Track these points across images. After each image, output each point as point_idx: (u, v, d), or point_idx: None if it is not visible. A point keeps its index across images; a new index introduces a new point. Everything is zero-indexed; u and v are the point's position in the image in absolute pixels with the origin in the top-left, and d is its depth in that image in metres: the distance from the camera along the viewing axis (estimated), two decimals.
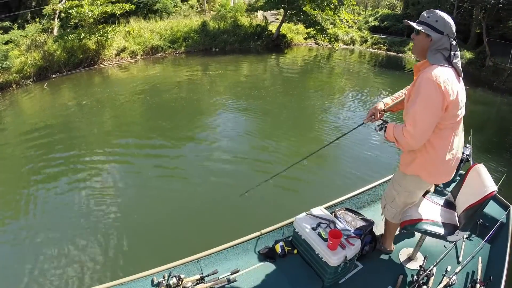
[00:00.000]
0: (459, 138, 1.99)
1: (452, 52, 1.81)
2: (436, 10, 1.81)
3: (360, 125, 2.42)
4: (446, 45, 1.79)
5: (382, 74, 14.07)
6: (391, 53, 19.24)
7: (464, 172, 2.36)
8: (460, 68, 1.85)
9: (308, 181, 5.13)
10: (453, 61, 1.82)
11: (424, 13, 1.84)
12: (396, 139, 1.92)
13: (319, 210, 2.66)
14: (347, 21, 19.14)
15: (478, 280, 2.30)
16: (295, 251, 2.59)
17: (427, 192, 2.44)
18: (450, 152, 1.94)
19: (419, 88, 1.77)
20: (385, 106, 2.24)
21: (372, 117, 2.22)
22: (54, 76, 10.83)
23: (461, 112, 1.87)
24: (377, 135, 6.55)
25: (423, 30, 1.79)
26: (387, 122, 2.11)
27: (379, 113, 2.19)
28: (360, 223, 2.58)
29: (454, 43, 1.81)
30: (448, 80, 1.74)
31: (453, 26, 1.80)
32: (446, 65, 1.79)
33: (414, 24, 1.83)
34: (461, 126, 1.98)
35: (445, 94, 1.72)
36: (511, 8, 14.68)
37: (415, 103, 1.77)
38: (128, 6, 12.45)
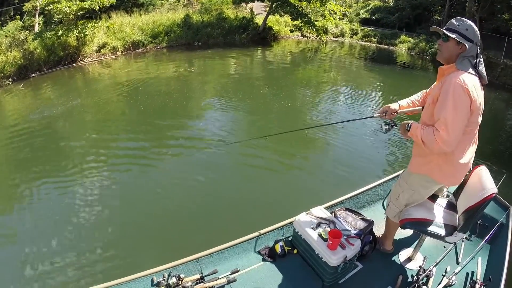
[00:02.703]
0: (474, 145, 2.03)
1: (478, 59, 1.85)
2: (464, 19, 1.84)
3: (369, 117, 2.47)
4: (473, 53, 1.84)
5: (373, 68, 13.95)
6: (381, 45, 19.12)
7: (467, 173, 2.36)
8: (485, 74, 1.88)
9: (308, 181, 5.13)
10: (479, 68, 1.86)
11: (453, 21, 1.86)
12: (425, 142, 1.88)
13: (319, 210, 2.66)
14: (335, 13, 18.96)
15: (478, 280, 2.30)
16: (295, 251, 2.59)
17: (436, 197, 2.43)
18: (465, 156, 1.98)
19: (448, 93, 1.78)
20: (399, 108, 2.25)
21: (383, 114, 2.23)
22: (33, 75, 10.46)
23: (480, 119, 1.91)
24: (379, 135, 6.55)
25: (456, 38, 1.81)
26: (395, 124, 2.16)
27: (391, 113, 2.21)
28: (360, 223, 2.58)
29: (479, 50, 1.86)
30: (474, 87, 1.78)
31: (479, 34, 1.85)
32: (472, 72, 1.82)
33: (447, 32, 1.84)
34: (477, 133, 2.01)
35: (472, 99, 1.77)
36: (505, 0, 14.49)
37: (445, 108, 1.78)
38: (106, 1, 12.04)
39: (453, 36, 1.82)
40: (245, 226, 3.17)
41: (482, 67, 1.87)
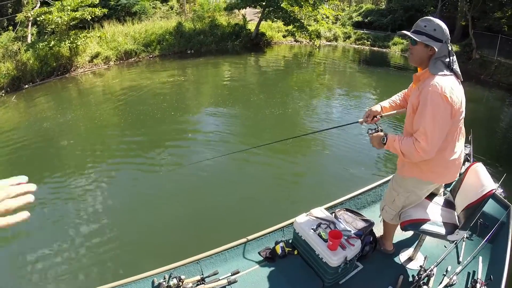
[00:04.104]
0: (462, 139, 2.01)
1: (450, 58, 1.80)
2: (431, 18, 1.78)
3: (354, 122, 2.40)
4: (444, 52, 1.79)
5: (367, 70, 13.98)
6: (375, 48, 19.25)
7: (463, 171, 2.36)
8: (459, 72, 1.84)
9: (308, 181, 5.14)
10: (453, 67, 1.81)
11: (419, 22, 1.79)
12: (404, 153, 1.84)
13: (319, 211, 2.65)
14: (328, 17, 19.01)
15: (479, 280, 2.30)
16: (296, 252, 2.58)
17: (434, 195, 2.42)
18: (456, 153, 1.95)
19: (426, 101, 1.73)
20: (382, 110, 2.22)
21: (367, 118, 2.21)
22: (26, 86, 10.39)
23: (464, 115, 1.88)
24: None
25: (423, 42, 1.76)
26: (381, 130, 2.06)
27: (375, 117, 2.18)
28: (360, 224, 2.58)
29: (450, 48, 1.81)
30: (453, 89, 1.73)
31: (448, 31, 1.79)
32: (447, 72, 1.78)
33: (412, 35, 1.78)
34: (463, 126, 1.99)
35: (452, 104, 1.72)
36: None
37: (424, 118, 1.73)
38: (98, 11, 11.86)
39: (420, 39, 1.76)
40: (246, 227, 3.17)
41: (456, 65, 1.82)
